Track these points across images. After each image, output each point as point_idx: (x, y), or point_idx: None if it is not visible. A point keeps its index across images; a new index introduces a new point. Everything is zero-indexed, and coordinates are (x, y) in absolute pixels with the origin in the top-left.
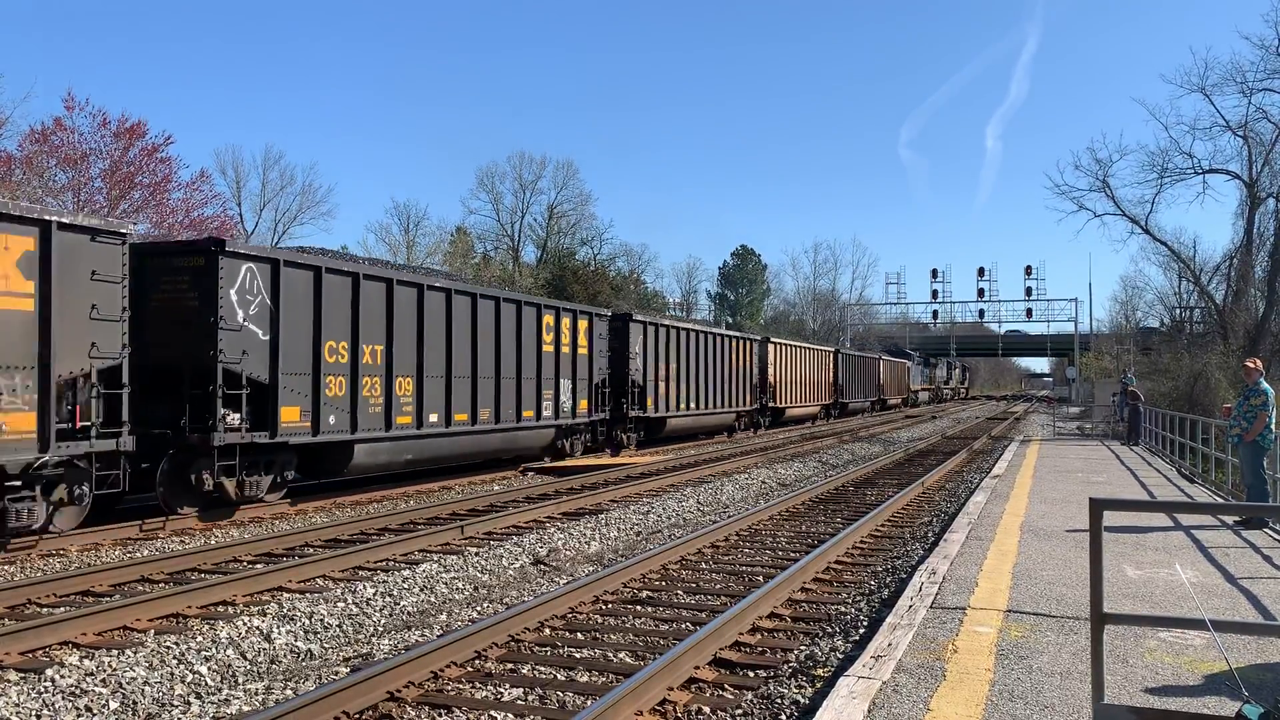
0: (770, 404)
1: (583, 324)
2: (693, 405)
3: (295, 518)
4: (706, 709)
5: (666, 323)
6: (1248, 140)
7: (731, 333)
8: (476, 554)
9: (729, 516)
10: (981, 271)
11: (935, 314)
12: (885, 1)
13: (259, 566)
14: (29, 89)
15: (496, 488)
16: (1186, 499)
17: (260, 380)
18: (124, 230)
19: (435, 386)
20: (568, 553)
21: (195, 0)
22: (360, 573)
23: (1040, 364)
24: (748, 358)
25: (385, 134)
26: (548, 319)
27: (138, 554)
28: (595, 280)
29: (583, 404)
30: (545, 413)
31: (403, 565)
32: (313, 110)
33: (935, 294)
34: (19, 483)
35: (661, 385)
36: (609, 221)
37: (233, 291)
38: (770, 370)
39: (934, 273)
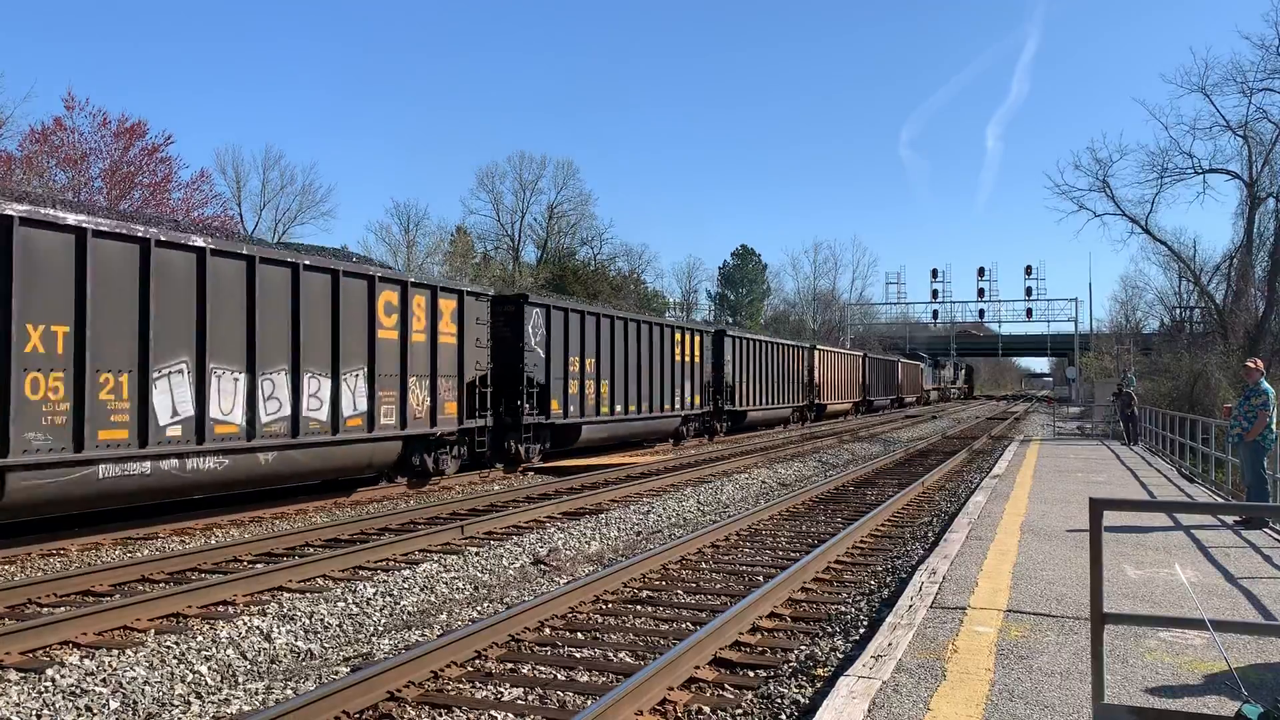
0: (816, 400)
1: (697, 339)
2: (765, 401)
3: (295, 518)
4: (706, 709)
5: (748, 335)
6: (1248, 140)
7: (790, 341)
8: (477, 554)
9: (729, 516)
10: (981, 271)
11: (935, 314)
12: (886, 2)
13: (259, 566)
14: (29, 89)
15: (497, 488)
16: (1186, 499)
17: (541, 383)
18: (490, 292)
19: (619, 387)
20: (568, 552)
21: (195, 0)
22: (360, 572)
23: (1040, 364)
24: (801, 362)
25: (385, 134)
26: (677, 336)
27: (138, 554)
28: (595, 280)
29: (696, 399)
30: (675, 407)
31: (403, 565)
32: (313, 110)
33: (935, 294)
34: (448, 444)
35: (743, 386)
36: (609, 221)
37: (529, 326)
38: (816, 372)
39: (934, 273)
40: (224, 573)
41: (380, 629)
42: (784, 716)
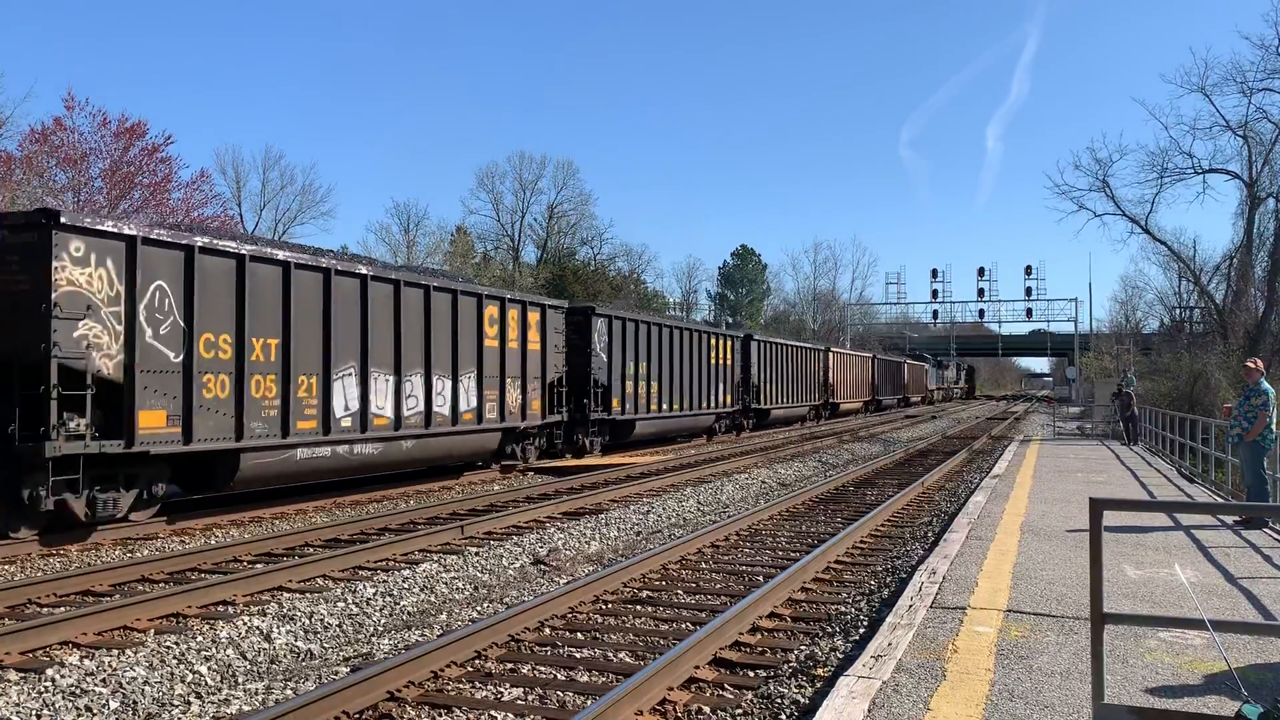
0: (831, 399)
1: (728, 344)
2: (786, 400)
3: (295, 518)
4: (706, 709)
5: (773, 340)
6: (1248, 140)
7: (809, 345)
8: (476, 554)
9: (729, 516)
10: (981, 271)
11: (935, 314)
12: (886, 1)
13: (259, 566)
14: (29, 89)
15: (497, 488)
16: (1186, 499)
17: (604, 384)
18: (565, 305)
19: (665, 388)
20: (568, 552)
21: (195, 0)
22: (360, 572)
23: (1040, 364)
24: (818, 363)
25: (385, 134)
26: (712, 341)
27: (138, 554)
28: (595, 280)
29: (727, 399)
30: (710, 405)
31: (403, 565)
32: (313, 110)
33: (935, 294)
34: (531, 436)
35: (767, 386)
36: (609, 221)
37: (594, 334)
38: (831, 373)
39: (934, 272)
40: (224, 573)
41: (380, 629)
42: (784, 716)
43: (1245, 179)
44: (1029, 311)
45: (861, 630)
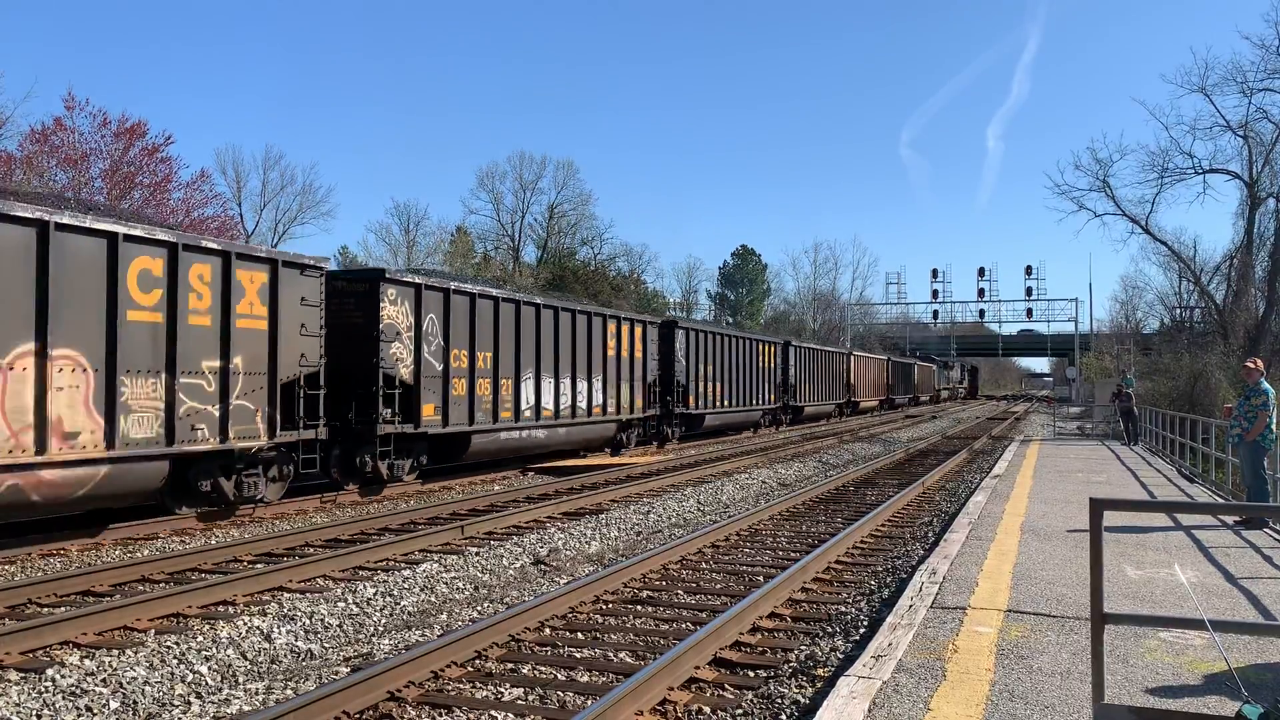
0: (852, 398)
1: (772, 348)
2: (817, 398)
3: (295, 518)
4: (707, 709)
5: (811, 345)
6: (1248, 140)
7: (834, 349)
8: (477, 554)
9: (729, 516)
10: (982, 271)
11: (935, 314)
12: (887, 2)
13: (259, 566)
14: (29, 89)
15: (497, 488)
16: (1187, 499)
17: (684, 385)
18: (656, 320)
19: (727, 386)
20: (568, 553)
21: (195, 1)
22: (361, 572)
23: (1040, 364)
24: (843, 366)
25: (385, 134)
26: (761, 347)
27: (138, 554)
28: (596, 280)
29: (770, 397)
30: (759, 402)
31: (403, 565)
32: (313, 110)
33: (935, 294)
34: (634, 426)
35: (801, 385)
36: (609, 221)
37: (677, 343)
38: (851, 374)
39: (934, 273)
40: (224, 573)
41: (380, 629)
42: (784, 716)
43: (1245, 179)
44: (1029, 311)
45: (862, 630)
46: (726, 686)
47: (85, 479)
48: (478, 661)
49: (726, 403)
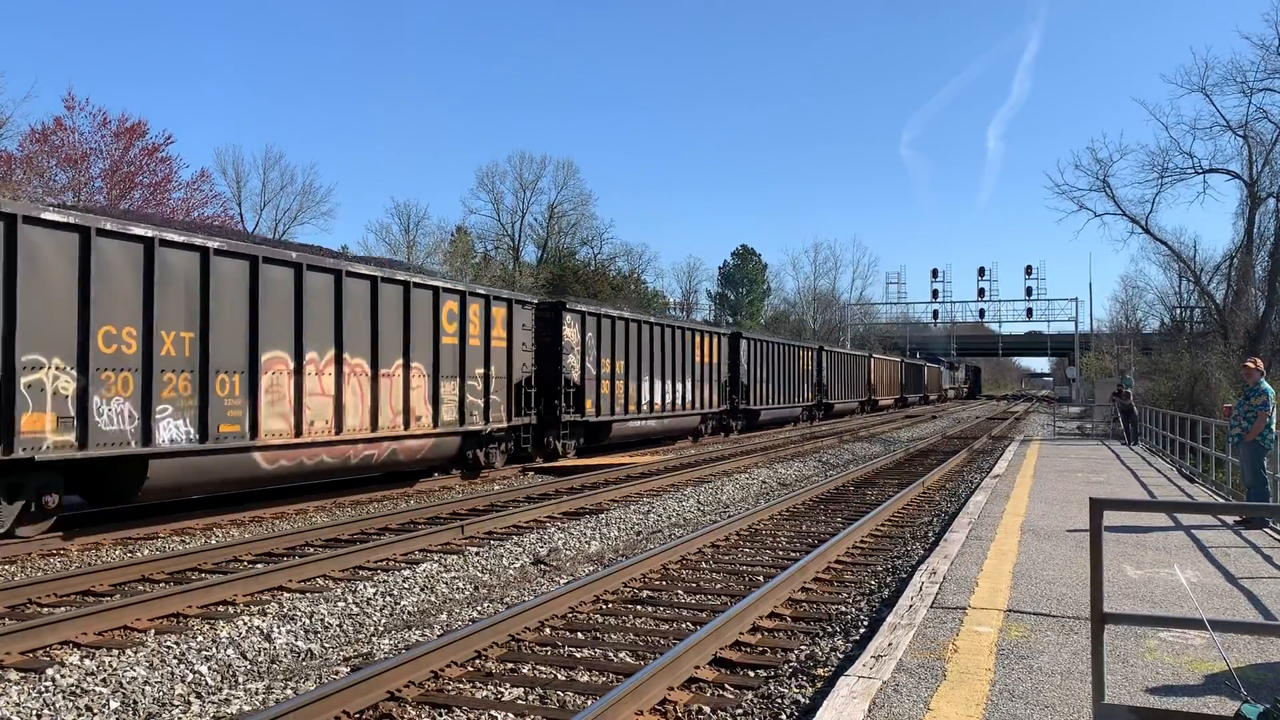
0: (872, 397)
1: (811, 354)
2: (844, 396)
3: (295, 518)
4: (707, 709)
5: (842, 350)
6: (1248, 140)
7: (857, 353)
8: (477, 554)
9: (729, 516)
10: (982, 271)
11: (935, 314)
12: (888, 2)
13: (259, 566)
14: (29, 89)
15: (497, 487)
16: (1187, 499)
17: (746, 386)
18: (726, 332)
19: (779, 386)
20: (568, 552)
21: (196, 0)
22: (360, 572)
23: (1040, 364)
24: (864, 367)
25: (385, 134)
26: (801, 352)
27: (138, 554)
28: (595, 280)
29: (808, 395)
30: (798, 400)
31: (403, 565)
32: (313, 110)
33: (935, 294)
34: (710, 420)
35: (832, 385)
36: (609, 221)
37: (742, 351)
38: (871, 375)
39: (934, 272)
40: (224, 573)
41: (380, 629)
42: (784, 716)
43: (1245, 179)
44: (1029, 311)
45: (862, 630)
46: (726, 686)
47: (423, 447)
48: (478, 661)
49: (777, 400)
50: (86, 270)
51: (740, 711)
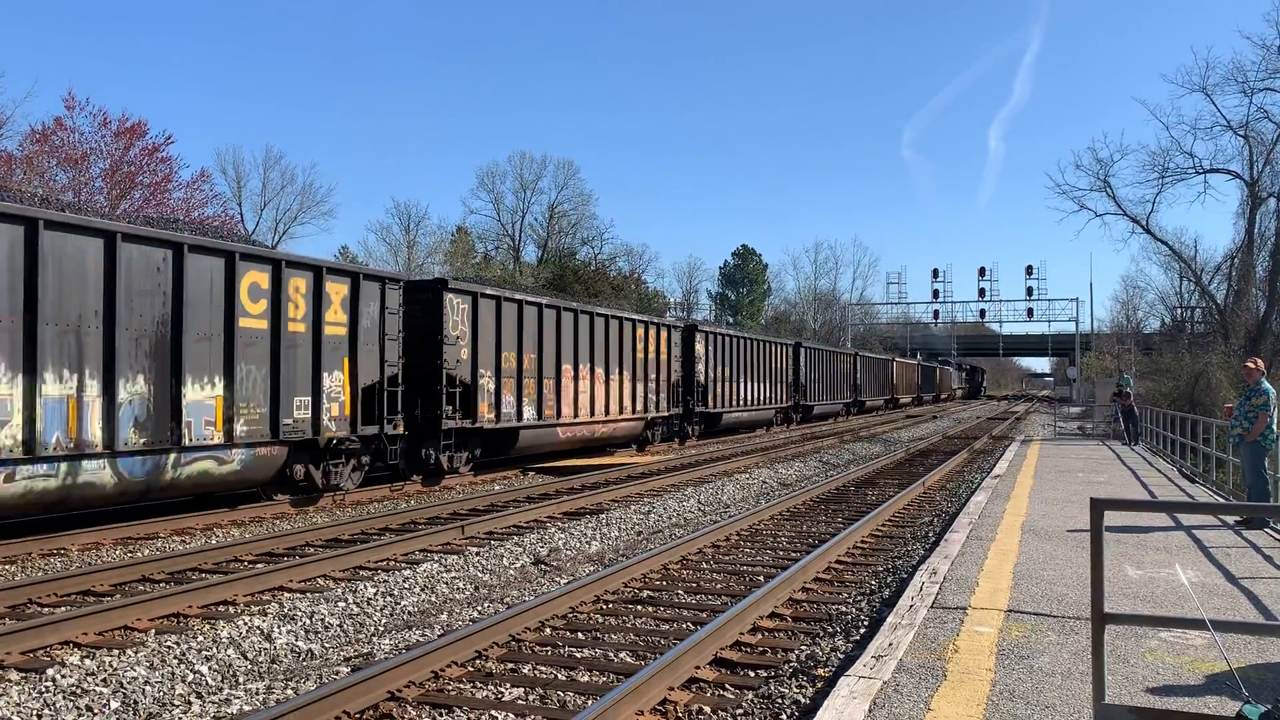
0: (894, 395)
1: (852, 359)
2: (873, 394)
3: (296, 518)
4: (707, 709)
5: (871, 355)
6: (1249, 140)
7: (879, 356)
8: (477, 554)
9: (730, 516)
10: (982, 271)
11: (936, 314)
12: (890, 3)
13: (260, 566)
14: (29, 89)
15: (497, 487)
16: (1187, 499)
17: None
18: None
19: (821, 384)
20: (568, 552)
21: (196, 0)
22: (361, 572)
23: (1041, 364)
24: (888, 368)
25: (385, 134)
26: (839, 357)
27: (138, 554)
28: (596, 280)
29: (847, 394)
30: (839, 397)
31: (403, 565)
32: (313, 110)
33: (936, 294)
34: (780, 414)
35: (864, 385)
36: (609, 221)
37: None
38: (893, 376)
39: (935, 272)
40: (224, 573)
41: (381, 629)
42: (784, 716)
43: (1246, 179)
44: (1030, 311)
45: (862, 630)
46: (727, 686)
47: (616, 430)
48: (478, 661)
49: (742, 402)
50: (515, 320)
51: (740, 711)
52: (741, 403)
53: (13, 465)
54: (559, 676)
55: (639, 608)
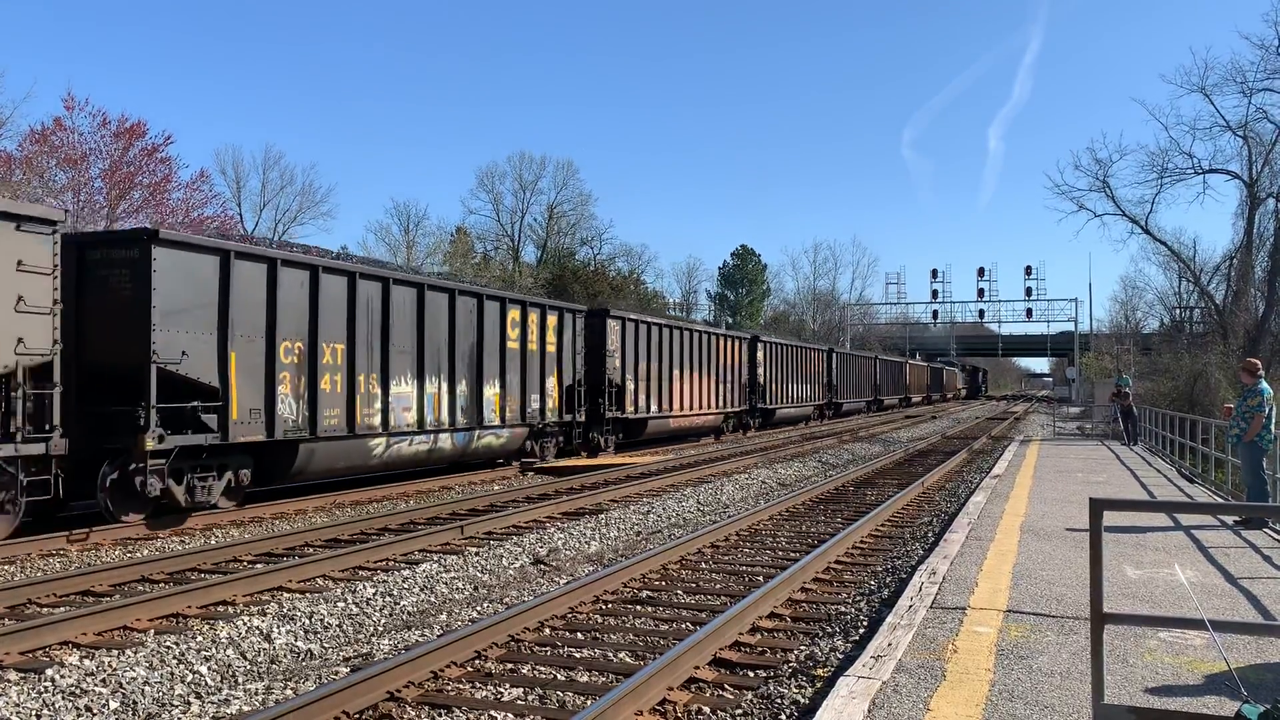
0: (907, 395)
1: (876, 362)
2: (891, 394)
3: (295, 518)
4: (706, 709)
5: (893, 359)
6: (1248, 140)
7: (898, 359)
8: (476, 554)
9: (729, 516)
10: (981, 271)
11: (935, 314)
12: (890, 3)
13: (259, 566)
14: (29, 89)
15: (497, 487)
16: (1186, 499)
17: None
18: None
19: (852, 385)
20: (568, 553)
21: (196, 0)
22: (360, 572)
23: (1040, 364)
24: (903, 370)
25: (385, 134)
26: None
27: (138, 554)
28: (595, 280)
29: (870, 393)
30: (881, 394)
31: (403, 565)
32: (313, 110)
33: (935, 294)
34: (817, 409)
35: (883, 386)
36: (609, 221)
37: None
38: (906, 376)
39: (934, 273)
40: (224, 573)
41: (380, 629)
42: (784, 716)
43: (1245, 179)
44: (1029, 311)
45: (861, 630)
46: (726, 686)
47: (706, 421)
48: (477, 661)
49: (790, 399)
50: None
51: (740, 712)
52: (790, 400)
53: (412, 435)
54: (558, 677)
55: (638, 608)
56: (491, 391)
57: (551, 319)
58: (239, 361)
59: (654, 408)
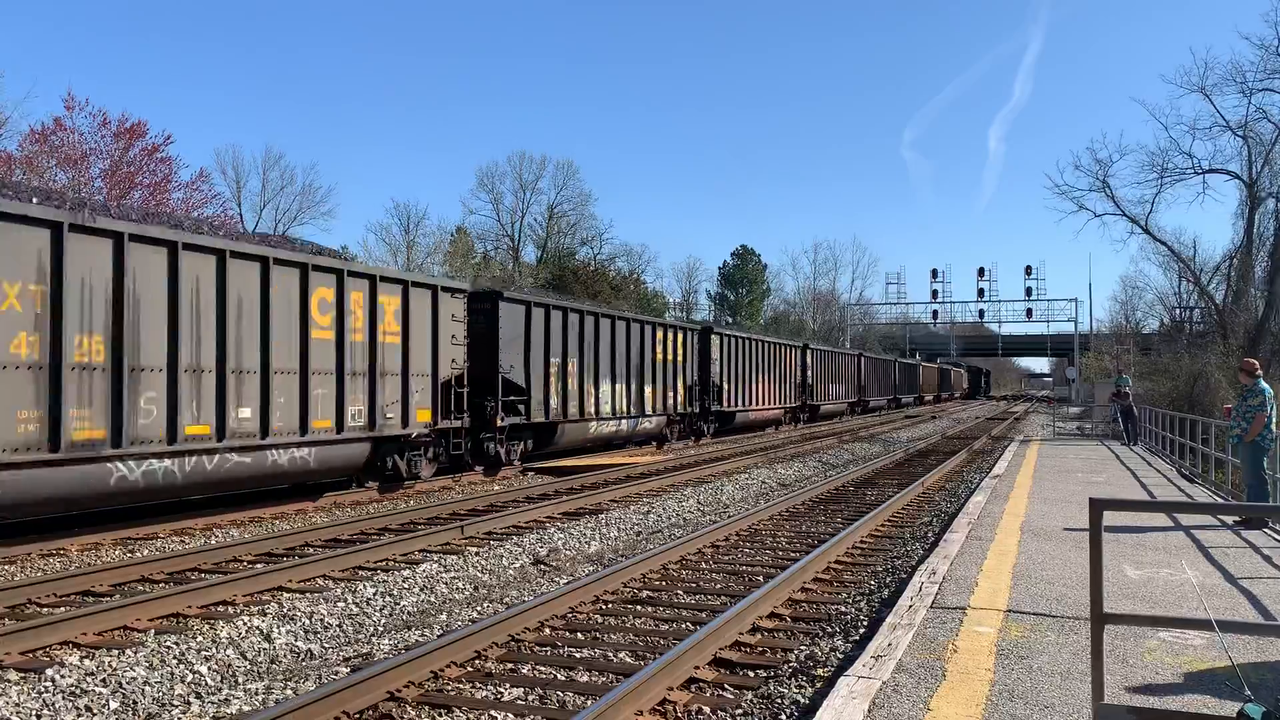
0: (920, 394)
1: (895, 365)
2: (909, 393)
3: (295, 518)
4: (706, 709)
5: (909, 362)
6: (1248, 140)
7: (914, 361)
8: (476, 554)
9: (729, 516)
10: (982, 272)
11: (935, 314)
12: (890, 4)
13: (259, 566)
14: (29, 89)
15: (496, 488)
16: (1186, 499)
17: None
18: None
19: (873, 385)
20: (568, 553)
21: (195, 0)
22: (360, 572)
23: (1040, 364)
24: (916, 370)
25: (385, 134)
26: (894, 365)
27: (138, 554)
28: (595, 280)
29: (890, 392)
30: (883, 393)
31: (403, 565)
32: (313, 110)
33: (935, 294)
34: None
35: (901, 385)
36: (609, 221)
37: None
38: (921, 377)
39: (934, 273)
40: (224, 573)
41: (380, 629)
42: (784, 716)
43: (1245, 179)
44: (1029, 311)
45: (861, 630)
46: (726, 686)
47: (772, 415)
48: (477, 661)
49: (835, 397)
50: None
51: (740, 711)
52: (834, 398)
53: (607, 420)
54: (558, 677)
55: (638, 608)
56: (649, 390)
57: (680, 336)
58: (532, 371)
59: (739, 403)
